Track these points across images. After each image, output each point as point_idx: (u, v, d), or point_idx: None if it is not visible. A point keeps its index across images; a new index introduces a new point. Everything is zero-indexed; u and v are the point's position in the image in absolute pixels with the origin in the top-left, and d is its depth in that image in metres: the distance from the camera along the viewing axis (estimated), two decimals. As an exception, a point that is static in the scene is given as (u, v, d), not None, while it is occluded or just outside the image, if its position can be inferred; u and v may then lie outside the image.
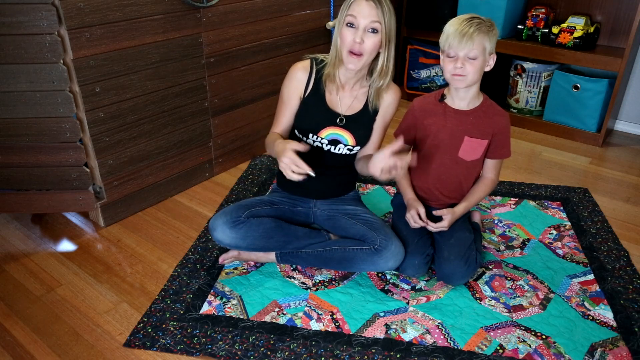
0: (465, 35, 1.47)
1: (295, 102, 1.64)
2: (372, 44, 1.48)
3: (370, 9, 1.46)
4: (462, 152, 1.65)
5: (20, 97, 1.70)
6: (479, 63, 1.51)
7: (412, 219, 1.65)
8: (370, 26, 1.47)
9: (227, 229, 1.60)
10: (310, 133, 1.64)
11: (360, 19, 1.46)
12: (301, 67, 1.63)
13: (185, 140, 2.19)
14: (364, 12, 1.46)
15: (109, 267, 1.78)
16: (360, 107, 1.63)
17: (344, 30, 1.50)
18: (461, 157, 1.66)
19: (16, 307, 1.59)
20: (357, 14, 1.47)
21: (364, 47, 1.48)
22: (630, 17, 2.76)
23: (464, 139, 1.63)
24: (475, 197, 1.70)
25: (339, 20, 1.52)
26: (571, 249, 1.89)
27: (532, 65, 2.91)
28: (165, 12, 1.91)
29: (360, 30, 1.47)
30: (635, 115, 2.97)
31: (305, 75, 1.62)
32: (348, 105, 1.63)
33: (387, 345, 1.45)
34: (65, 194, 1.90)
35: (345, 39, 1.49)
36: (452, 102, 1.64)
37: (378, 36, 1.48)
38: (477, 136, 1.63)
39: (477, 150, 1.65)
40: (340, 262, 1.65)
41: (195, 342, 1.44)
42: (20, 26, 1.60)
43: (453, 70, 1.52)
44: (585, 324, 1.54)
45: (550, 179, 2.42)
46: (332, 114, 1.62)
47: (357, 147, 1.66)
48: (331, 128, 1.63)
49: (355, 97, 1.63)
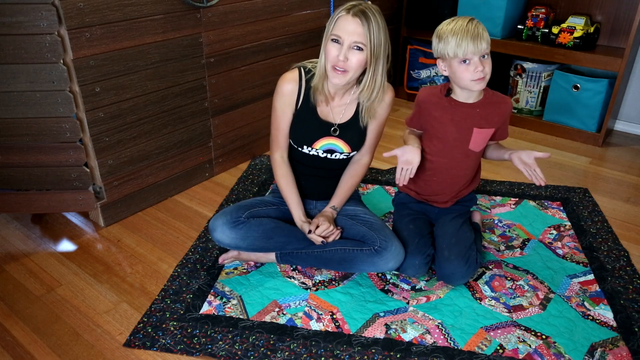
0: (476, 36, 1.46)
1: (289, 115, 1.62)
2: (357, 61, 1.46)
3: (356, 26, 1.42)
4: (472, 144, 1.65)
5: (20, 97, 1.70)
6: (490, 59, 1.53)
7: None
8: (355, 44, 1.44)
9: (227, 229, 1.60)
10: (304, 145, 1.64)
11: (345, 36, 1.43)
12: (290, 79, 1.59)
13: (185, 140, 2.19)
14: (349, 29, 1.43)
15: (109, 267, 1.78)
16: (352, 114, 1.63)
17: (329, 45, 1.47)
18: (472, 149, 1.66)
19: (16, 307, 1.59)
20: (342, 31, 1.44)
21: (349, 64, 1.45)
22: (630, 17, 2.76)
23: (473, 131, 1.63)
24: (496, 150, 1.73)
25: (326, 33, 1.49)
26: (571, 249, 1.89)
27: (532, 65, 2.91)
28: (165, 12, 1.91)
29: (344, 47, 1.44)
30: (635, 115, 2.97)
31: (295, 87, 1.59)
32: (340, 114, 1.63)
33: (387, 345, 1.45)
34: (65, 194, 1.90)
35: (330, 54, 1.47)
36: (457, 97, 1.63)
37: (363, 53, 1.45)
38: (485, 126, 1.63)
39: (485, 140, 1.67)
40: (340, 263, 1.65)
41: (195, 342, 1.44)
42: (20, 26, 1.60)
43: (474, 76, 1.50)
44: (585, 324, 1.54)
45: (550, 179, 2.42)
46: (325, 125, 1.62)
47: (354, 152, 1.67)
48: (325, 139, 1.63)
49: (347, 105, 1.62)
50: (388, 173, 2.42)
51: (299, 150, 1.66)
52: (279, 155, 1.69)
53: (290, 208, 1.67)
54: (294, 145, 1.66)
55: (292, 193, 1.67)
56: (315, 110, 1.61)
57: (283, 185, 1.68)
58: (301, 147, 1.64)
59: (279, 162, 1.69)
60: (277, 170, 1.69)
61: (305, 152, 1.65)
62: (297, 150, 1.67)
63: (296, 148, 1.66)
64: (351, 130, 1.63)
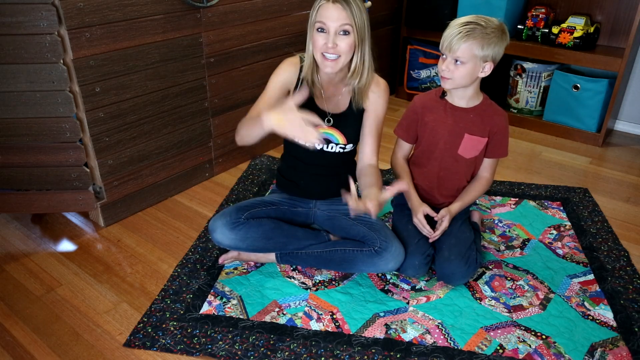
0: (454, 38, 1.48)
1: (279, 93, 1.58)
2: (346, 45, 1.46)
3: (339, 12, 1.43)
4: (462, 150, 1.65)
5: (20, 97, 1.70)
6: (467, 69, 1.51)
7: (420, 223, 1.66)
8: (341, 29, 1.44)
9: (226, 230, 1.60)
10: None
11: (329, 23, 1.44)
12: (291, 63, 1.60)
13: (185, 140, 2.19)
14: (332, 16, 1.43)
15: (109, 267, 1.78)
16: (346, 105, 1.62)
17: (315, 35, 1.47)
18: (461, 154, 1.66)
19: (16, 307, 1.59)
20: (326, 18, 1.44)
21: (339, 49, 1.46)
22: (630, 17, 2.76)
23: (464, 136, 1.63)
24: (469, 196, 1.71)
25: (310, 24, 1.49)
26: (571, 249, 1.89)
27: (532, 65, 2.91)
28: (165, 12, 1.91)
29: (331, 34, 1.44)
30: (635, 115, 2.97)
31: (295, 73, 1.59)
32: (334, 105, 1.62)
33: (387, 345, 1.45)
34: (65, 194, 1.90)
35: (317, 43, 1.47)
36: (452, 100, 1.64)
37: (351, 37, 1.46)
38: (477, 134, 1.63)
39: (476, 148, 1.66)
40: (340, 264, 1.65)
41: (195, 342, 1.44)
42: (20, 26, 1.60)
43: (440, 71, 1.56)
44: (585, 324, 1.54)
45: (550, 179, 2.42)
46: (319, 114, 1.61)
47: (350, 145, 1.66)
48: (320, 128, 1.62)
49: (340, 96, 1.62)
50: (388, 173, 2.42)
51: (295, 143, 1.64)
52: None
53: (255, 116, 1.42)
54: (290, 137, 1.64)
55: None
56: (311, 98, 1.59)
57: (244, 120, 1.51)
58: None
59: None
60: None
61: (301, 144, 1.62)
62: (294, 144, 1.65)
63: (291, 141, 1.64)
64: (346, 121, 1.63)
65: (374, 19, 3.12)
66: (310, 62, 1.54)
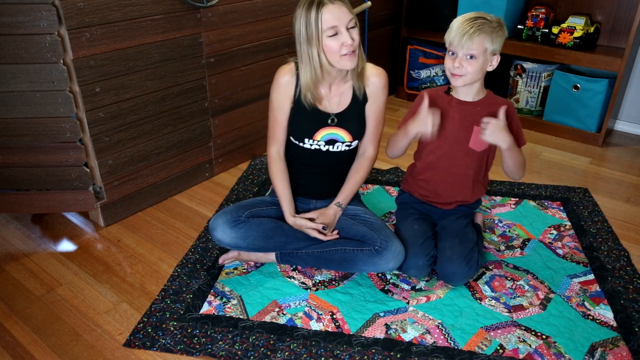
0: (466, 34, 1.48)
1: (287, 107, 1.62)
2: (357, 36, 1.50)
3: (343, 9, 1.46)
4: (472, 143, 1.65)
5: (20, 97, 1.70)
6: (479, 63, 1.52)
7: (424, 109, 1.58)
8: (350, 24, 1.47)
9: (227, 228, 1.60)
10: (305, 138, 1.63)
11: (339, 23, 1.45)
12: (287, 70, 1.60)
13: (185, 140, 2.19)
14: (340, 16, 1.45)
15: (109, 267, 1.78)
16: (348, 100, 1.62)
17: (328, 42, 1.46)
18: (472, 147, 1.65)
19: (16, 307, 1.59)
20: (336, 20, 1.45)
21: (355, 43, 1.48)
22: (630, 17, 2.76)
23: (473, 129, 1.63)
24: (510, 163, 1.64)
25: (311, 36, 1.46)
26: (571, 249, 1.88)
27: (532, 65, 2.91)
28: (165, 12, 1.91)
29: (344, 32, 1.46)
30: (635, 115, 2.97)
31: (293, 79, 1.59)
32: (337, 103, 1.62)
33: (387, 345, 1.45)
34: (65, 194, 1.90)
35: (333, 49, 1.47)
36: (457, 95, 1.64)
37: (357, 26, 1.50)
38: None
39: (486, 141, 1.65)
40: (340, 263, 1.65)
41: (195, 342, 1.44)
42: (20, 26, 1.60)
43: (452, 69, 1.54)
44: (586, 324, 1.54)
45: (550, 179, 2.42)
46: (322, 115, 1.61)
47: (355, 141, 1.66)
48: (325, 129, 1.62)
49: (342, 93, 1.62)
50: (388, 173, 2.42)
51: (300, 147, 1.66)
52: (276, 151, 1.69)
53: (282, 203, 1.67)
54: (295, 141, 1.66)
55: (284, 189, 1.67)
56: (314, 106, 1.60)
57: (277, 181, 1.68)
58: (302, 141, 1.64)
59: (274, 157, 1.69)
60: (272, 165, 1.69)
61: (307, 147, 1.64)
62: (298, 147, 1.67)
63: (297, 144, 1.66)
64: (350, 117, 1.63)
65: (374, 19, 3.13)
66: (312, 74, 1.52)
